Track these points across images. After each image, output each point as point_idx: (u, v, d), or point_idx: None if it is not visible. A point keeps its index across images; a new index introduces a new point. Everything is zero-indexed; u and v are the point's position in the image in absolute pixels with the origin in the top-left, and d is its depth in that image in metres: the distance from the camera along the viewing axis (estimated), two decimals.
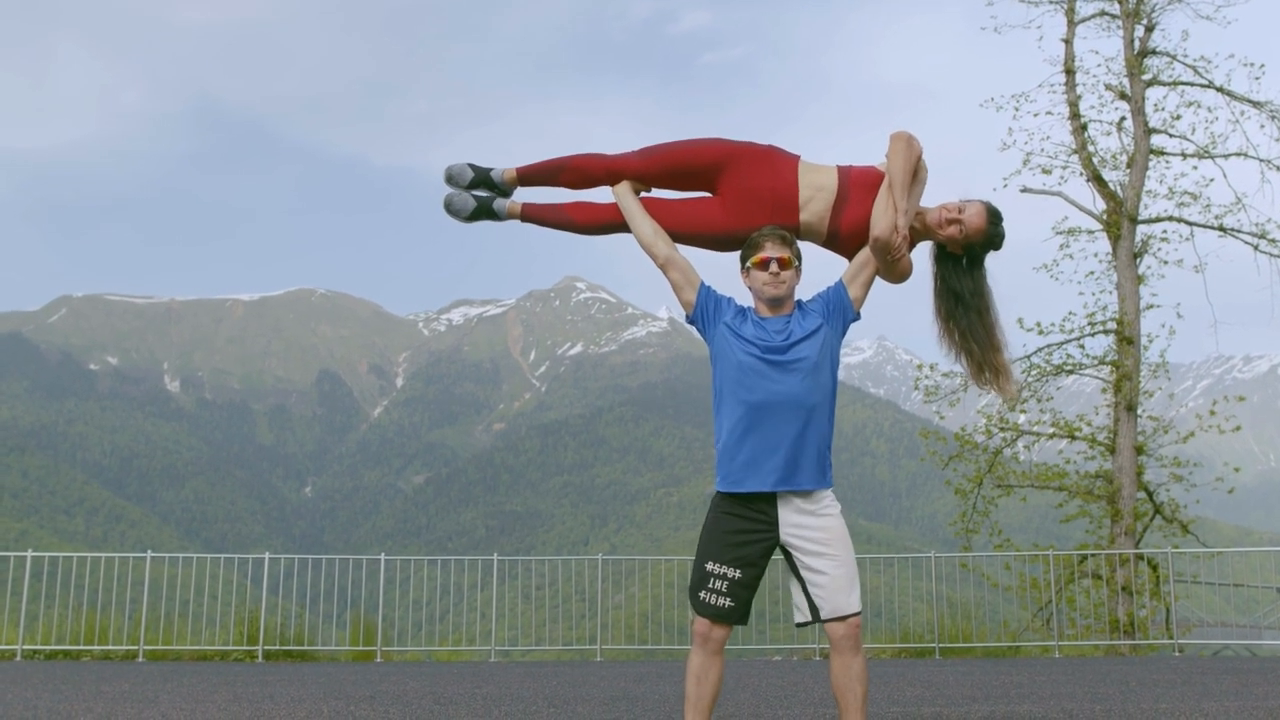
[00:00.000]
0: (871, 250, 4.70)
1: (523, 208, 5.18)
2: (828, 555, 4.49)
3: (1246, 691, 8.84)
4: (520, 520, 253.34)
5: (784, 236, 4.68)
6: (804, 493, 4.54)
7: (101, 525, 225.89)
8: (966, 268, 4.88)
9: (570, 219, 5.14)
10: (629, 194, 4.99)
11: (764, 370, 4.55)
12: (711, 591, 4.53)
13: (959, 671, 11.89)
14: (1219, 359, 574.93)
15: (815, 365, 4.57)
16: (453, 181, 5.19)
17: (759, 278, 4.64)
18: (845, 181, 4.82)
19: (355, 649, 15.70)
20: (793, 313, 4.68)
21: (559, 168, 5.11)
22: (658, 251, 4.87)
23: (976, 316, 4.86)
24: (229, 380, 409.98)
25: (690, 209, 4.98)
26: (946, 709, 7.62)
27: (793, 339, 4.59)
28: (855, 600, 4.49)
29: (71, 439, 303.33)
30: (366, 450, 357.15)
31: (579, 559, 17.24)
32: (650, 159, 5.00)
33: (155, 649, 15.06)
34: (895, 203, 4.66)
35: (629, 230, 4.98)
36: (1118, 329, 21.94)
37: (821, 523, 4.53)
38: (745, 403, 4.55)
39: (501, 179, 5.18)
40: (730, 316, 4.71)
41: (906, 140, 4.73)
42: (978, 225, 4.77)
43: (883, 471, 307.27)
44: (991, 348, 4.87)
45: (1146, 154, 22.35)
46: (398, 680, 10.91)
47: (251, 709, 7.85)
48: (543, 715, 7.49)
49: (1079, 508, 22.29)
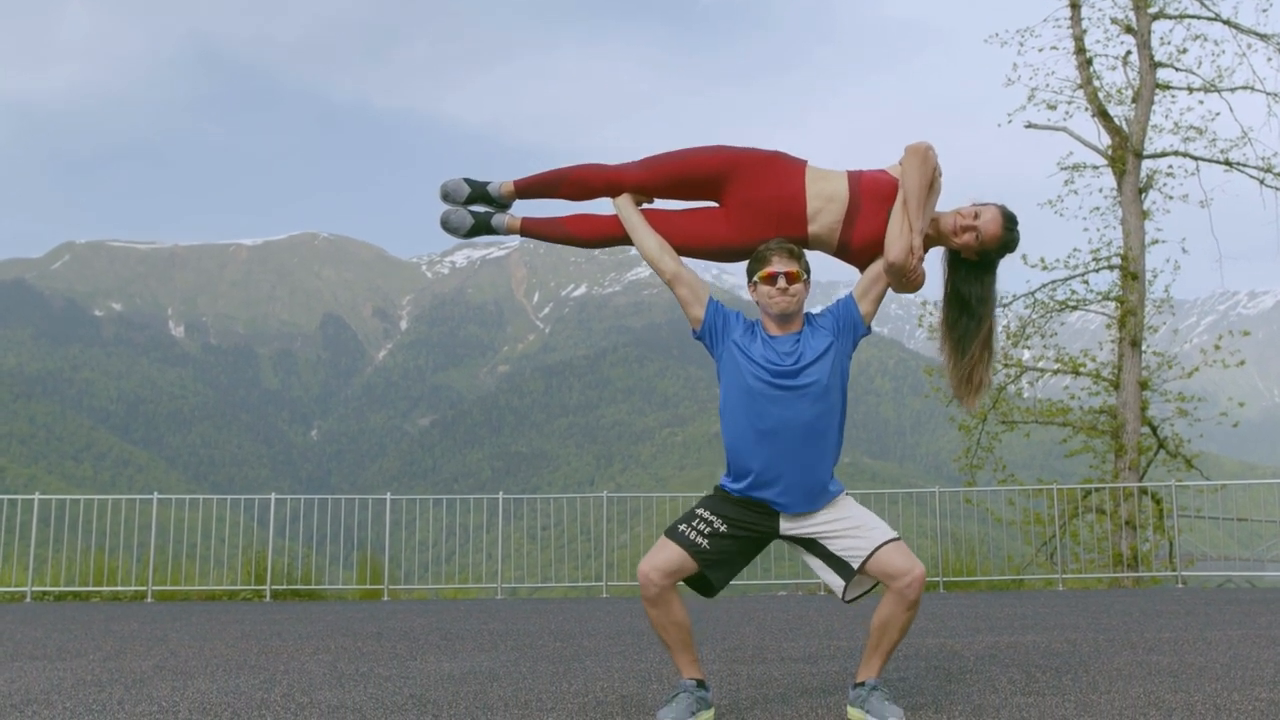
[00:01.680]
0: (885, 271, 4.59)
1: (522, 222, 5.06)
2: (832, 522, 4.49)
3: (1250, 621, 8.89)
4: (526, 461, 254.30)
5: (792, 250, 4.55)
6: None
7: (109, 470, 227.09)
8: (979, 273, 4.78)
9: (571, 233, 5.02)
10: (631, 206, 4.86)
11: (773, 395, 4.46)
12: (693, 529, 4.48)
13: (963, 604, 11.95)
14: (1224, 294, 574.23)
15: (825, 388, 4.49)
16: (449, 198, 5.07)
17: (767, 292, 4.53)
18: (856, 190, 4.67)
19: (363, 588, 15.79)
20: (802, 330, 4.58)
21: (558, 180, 4.97)
22: (664, 267, 4.74)
23: (976, 326, 4.78)
24: (233, 325, 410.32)
25: (694, 221, 4.85)
26: (950, 640, 7.66)
27: (802, 361, 4.49)
28: (876, 535, 4.44)
29: (78, 385, 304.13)
30: (372, 393, 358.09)
31: (584, 497, 17.29)
32: (652, 170, 4.85)
33: (164, 589, 15.16)
34: (911, 222, 4.55)
35: (632, 243, 4.86)
36: (1122, 264, 21.86)
37: (825, 515, 4.52)
38: (754, 428, 4.47)
39: (499, 193, 5.06)
40: (739, 334, 4.61)
41: (923, 154, 4.59)
42: (993, 232, 4.66)
43: (887, 409, 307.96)
44: (980, 361, 4.79)
45: (1152, 88, 22.15)
46: (405, 618, 10.98)
47: (260, 645, 7.90)
48: (549, 649, 7.53)
49: (1083, 443, 22.32)
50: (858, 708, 4.43)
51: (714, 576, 4.50)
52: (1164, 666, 5.95)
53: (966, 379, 4.82)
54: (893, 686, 5.26)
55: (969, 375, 4.81)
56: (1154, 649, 6.86)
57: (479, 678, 5.97)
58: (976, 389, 4.83)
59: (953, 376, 4.86)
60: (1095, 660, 6.31)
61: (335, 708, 4.93)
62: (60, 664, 6.78)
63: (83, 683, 5.86)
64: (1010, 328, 23.02)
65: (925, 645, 7.32)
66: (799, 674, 5.95)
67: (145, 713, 4.82)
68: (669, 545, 4.45)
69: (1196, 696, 4.87)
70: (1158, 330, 22.69)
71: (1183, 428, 22.16)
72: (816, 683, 5.58)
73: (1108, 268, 22.25)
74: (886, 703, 4.34)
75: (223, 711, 4.84)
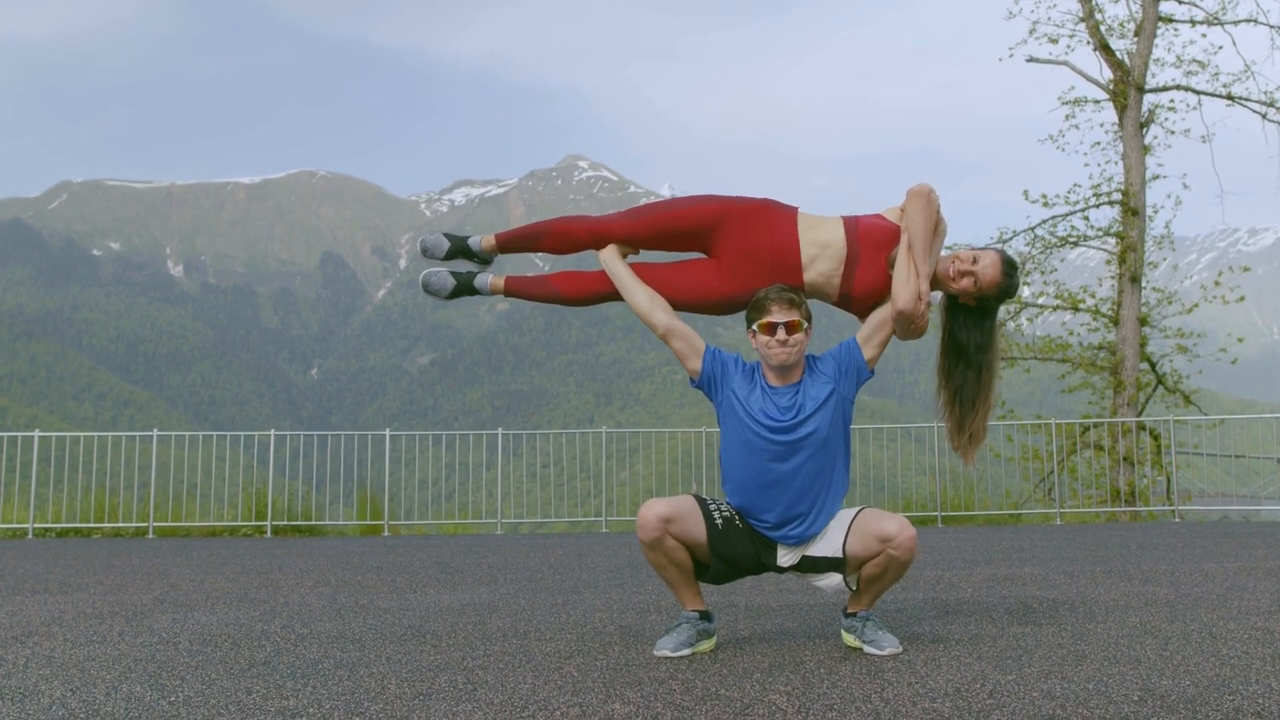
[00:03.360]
0: (893, 319, 4.50)
1: (506, 282, 4.96)
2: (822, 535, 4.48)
3: (1245, 553, 8.92)
4: (526, 399, 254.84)
5: (792, 298, 4.43)
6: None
7: (110, 410, 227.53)
8: (977, 319, 4.69)
9: (557, 291, 4.90)
10: (617, 260, 4.73)
11: (772, 450, 4.40)
12: (716, 506, 4.46)
13: (960, 538, 12.00)
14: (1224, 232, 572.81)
15: (825, 439, 4.42)
16: (428, 253, 4.97)
17: (766, 342, 4.42)
18: (853, 238, 4.56)
19: (363, 523, 15.86)
20: (802, 379, 4.49)
21: (540, 233, 4.87)
22: (656, 322, 4.61)
23: (974, 375, 4.68)
24: (232, 264, 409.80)
25: (684, 274, 4.73)
26: (948, 572, 7.69)
27: (802, 415, 4.41)
28: (848, 512, 4.48)
29: (77, 325, 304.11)
30: (371, 332, 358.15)
31: (584, 433, 17.32)
32: (637, 222, 4.74)
33: (165, 525, 15.22)
34: (918, 267, 4.45)
35: (621, 299, 4.74)
36: (1123, 200, 21.78)
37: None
38: (753, 482, 4.43)
39: (480, 248, 4.97)
40: (737, 383, 4.52)
41: (926, 196, 4.50)
42: (992, 278, 4.56)
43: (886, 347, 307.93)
44: (976, 411, 4.69)
45: (1155, 21, 21.97)
46: (405, 552, 11.03)
47: (260, 579, 7.94)
48: (549, 582, 7.56)
49: (1082, 379, 22.36)
50: (852, 635, 4.45)
51: (718, 565, 4.44)
52: (1160, 597, 5.97)
53: (960, 429, 4.72)
54: (888, 617, 5.28)
55: (963, 425, 4.71)
56: (1150, 580, 6.89)
57: (478, 609, 6.00)
58: (971, 442, 4.74)
59: (949, 426, 4.77)
60: (1092, 591, 6.34)
61: (335, 638, 4.95)
62: (61, 597, 6.81)
63: (83, 615, 5.89)
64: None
65: (922, 577, 7.35)
66: (797, 605, 5.98)
67: (146, 644, 4.84)
68: (685, 500, 4.42)
69: (1193, 625, 4.89)
70: (1158, 266, 22.68)
71: (1181, 364, 22.19)
72: (815, 614, 5.60)
73: (1108, 203, 22.18)
74: (882, 631, 4.35)
75: (222, 642, 4.86)
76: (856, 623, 4.44)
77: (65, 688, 3.80)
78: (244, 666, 4.22)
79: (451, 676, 3.92)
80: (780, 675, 3.85)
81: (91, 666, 4.25)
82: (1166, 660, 4.01)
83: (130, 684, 3.85)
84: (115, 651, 4.63)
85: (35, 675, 4.07)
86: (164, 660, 4.39)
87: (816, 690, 3.56)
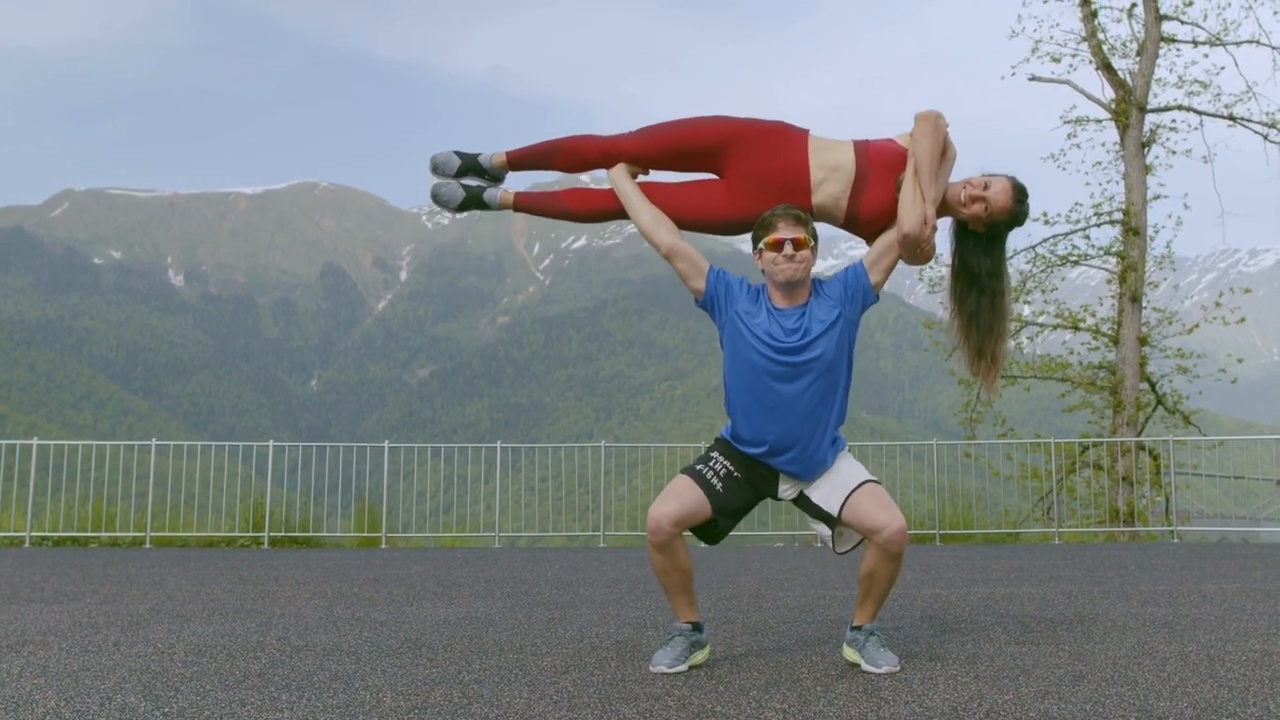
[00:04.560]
0: (899, 243, 4.48)
1: (515, 197, 4.94)
2: (822, 477, 4.49)
3: (1244, 575, 8.91)
4: (525, 413, 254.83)
5: (799, 216, 4.41)
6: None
7: (109, 419, 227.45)
8: (986, 246, 4.68)
9: (566, 207, 4.89)
10: (626, 178, 4.72)
11: (776, 371, 4.39)
12: (709, 469, 4.45)
13: (959, 556, 11.98)
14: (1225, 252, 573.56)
15: (831, 364, 4.41)
16: (439, 170, 4.94)
17: (772, 259, 4.40)
18: (863, 160, 4.55)
19: (360, 535, 15.83)
20: (808, 301, 4.47)
21: (552, 150, 4.84)
22: (660, 240, 4.59)
23: (988, 301, 4.68)
24: (233, 274, 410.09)
25: (693, 194, 4.71)
26: (946, 590, 7.68)
27: (808, 337, 4.40)
28: (852, 479, 4.44)
29: (77, 333, 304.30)
30: (371, 344, 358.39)
31: (582, 447, 17.30)
32: (648, 140, 4.72)
33: (162, 535, 15.19)
34: (923, 191, 4.43)
35: (628, 217, 4.74)
36: (1124, 219, 21.79)
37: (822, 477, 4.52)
38: (757, 403, 4.42)
39: (491, 164, 4.94)
40: (742, 304, 4.50)
41: (934, 121, 4.47)
42: (1003, 204, 4.54)
43: (886, 364, 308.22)
44: (994, 336, 4.70)
45: (1157, 41, 22.00)
46: (402, 565, 11.01)
47: (257, 590, 7.92)
48: (545, 596, 7.55)
49: (1082, 398, 22.33)
50: (853, 649, 4.44)
51: (723, 523, 4.47)
52: (1159, 618, 5.96)
53: (979, 354, 4.74)
54: (887, 635, 5.27)
55: (983, 350, 4.73)
56: (1149, 601, 6.88)
57: (474, 623, 5.99)
58: (993, 365, 4.76)
59: (966, 354, 4.78)
60: (1090, 612, 6.32)
61: (330, 650, 4.94)
62: (57, 606, 6.80)
63: (79, 624, 5.88)
64: (1010, 282, 23.00)
65: (920, 596, 7.34)
66: (794, 621, 5.97)
67: (141, 654, 4.83)
68: (686, 487, 4.40)
69: (1190, 647, 4.88)
70: (1158, 286, 22.67)
71: (1181, 384, 22.17)
72: (812, 630, 5.59)
73: (1109, 223, 22.19)
74: (883, 649, 4.34)
75: (218, 653, 4.85)
76: (860, 636, 4.44)
77: (59, 697, 3.79)
78: (239, 678, 4.21)
79: (447, 690, 3.91)
80: (777, 692, 3.84)
81: (86, 676, 4.24)
82: (1164, 682, 4.00)
83: (125, 694, 3.85)
84: (110, 661, 4.62)
85: (29, 685, 4.06)
86: (159, 671, 4.38)
87: (813, 708, 3.55)
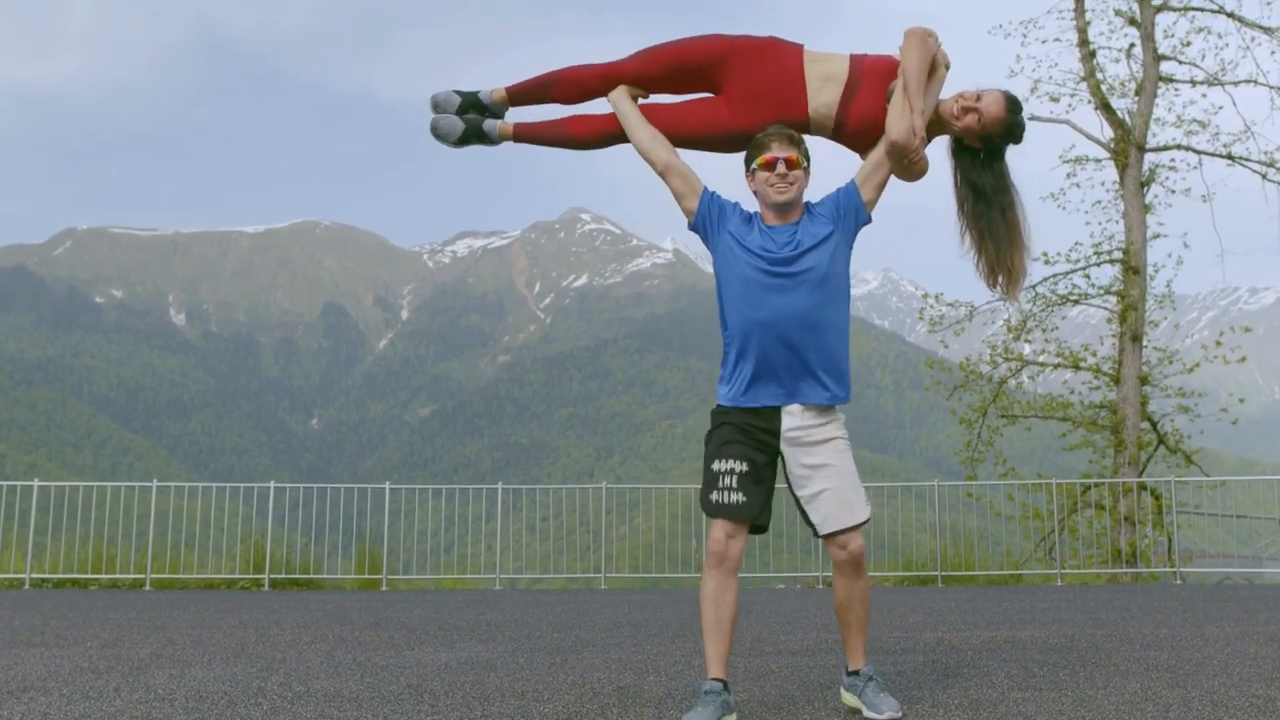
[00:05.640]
0: (888, 155, 4.45)
1: (515, 127, 4.90)
2: (824, 468, 4.34)
3: (1248, 618, 8.88)
4: (526, 452, 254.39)
5: (791, 135, 4.40)
6: (809, 406, 4.36)
7: (109, 458, 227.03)
8: (985, 161, 4.64)
9: (567, 133, 4.86)
10: (625, 99, 4.73)
11: (769, 283, 4.33)
12: (722, 490, 4.32)
13: (961, 598, 11.95)
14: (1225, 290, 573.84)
15: (824, 276, 4.35)
16: (439, 108, 4.93)
17: (765, 178, 4.37)
18: (857, 70, 4.55)
19: (361, 578, 15.79)
20: (801, 219, 4.44)
21: (551, 82, 4.85)
22: (656, 157, 4.61)
23: (999, 214, 4.62)
24: (235, 313, 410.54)
25: (692, 110, 4.73)
26: (948, 634, 7.65)
27: (801, 249, 4.35)
28: (857, 513, 4.33)
29: (78, 372, 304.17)
30: (372, 383, 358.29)
31: (584, 488, 17.28)
32: (646, 60, 4.74)
33: (162, 578, 15.16)
34: (911, 103, 4.41)
35: (629, 140, 4.73)
36: (1124, 258, 21.82)
37: (822, 434, 4.36)
38: (750, 319, 4.33)
39: (490, 100, 4.92)
40: (735, 225, 4.46)
41: (921, 35, 4.47)
42: (996, 114, 4.52)
43: (887, 403, 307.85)
44: (1012, 246, 4.63)
45: (1155, 81, 22.10)
46: (403, 608, 10.98)
47: (257, 634, 7.90)
48: (547, 640, 7.53)
49: (1083, 438, 22.29)
50: (852, 694, 4.41)
51: (762, 521, 4.39)
52: (1162, 662, 5.94)
53: (996, 266, 4.65)
54: (887, 679, 5.25)
55: (999, 262, 4.64)
56: (1152, 645, 6.85)
57: (476, 668, 5.97)
58: (1012, 278, 4.66)
59: (983, 268, 4.68)
60: (1093, 656, 6.30)
61: (331, 696, 4.92)
62: (58, 650, 6.78)
63: (80, 670, 5.86)
64: (1011, 321, 23.03)
65: (923, 639, 7.32)
66: (796, 667, 5.95)
67: (142, 700, 4.81)
68: (716, 521, 4.34)
69: (1194, 693, 4.86)
70: (1159, 325, 22.67)
71: (1183, 423, 22.14)
72: (814, 676, 5.57)
73: (1109, 262, 22.22)
74: (883, 694, 4.31)
75: (219, 700, 4.84)
76: (859, 681, 4.40)
77: None
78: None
79: None
80: None
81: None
82: None
83: None
84: (111, 708, 4.61)
85: None
86: (160, 718, 4.37)
87: None
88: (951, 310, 23.02)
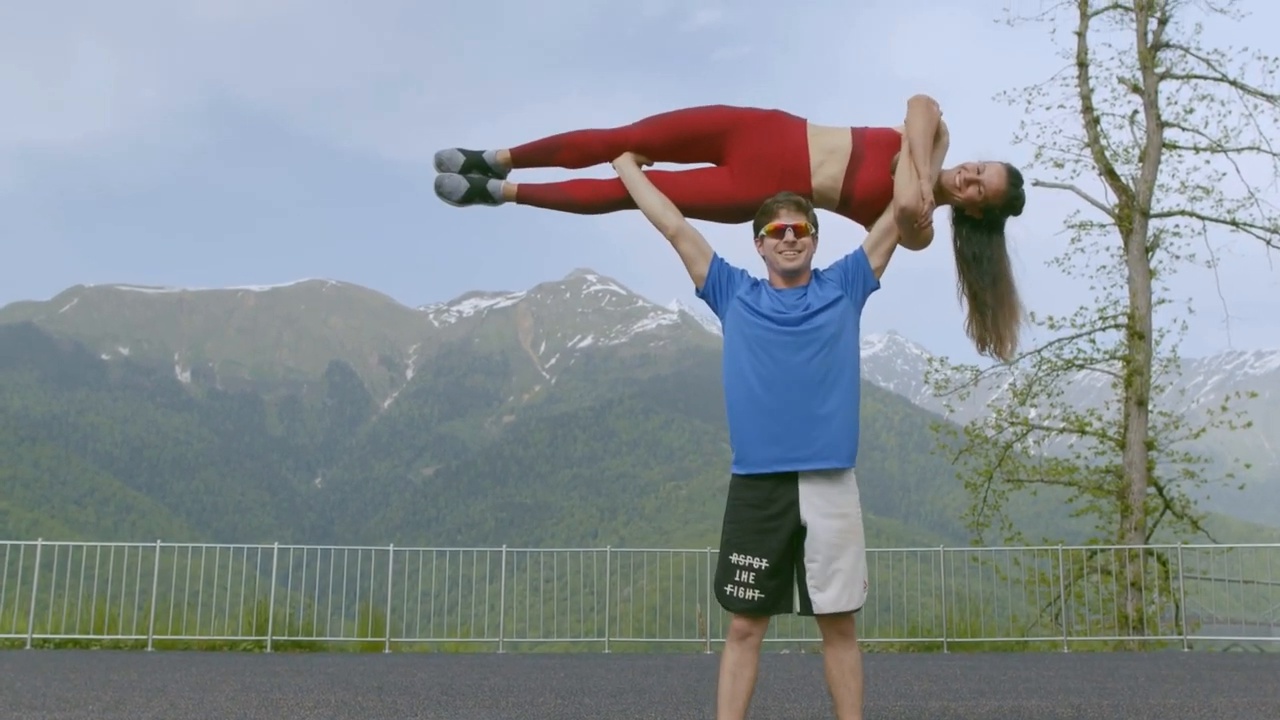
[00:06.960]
0: (897, 221, 4.49)
1: (519, 188, 4.93)
2: (845, 548, 4.29)
3: (1256, 688, 8.82)
4: (529, 512, 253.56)
5: (799, 203, 4.44)
6: (824, 472, 4.31)
7: (112, 515, 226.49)
8: (985, 232, 4.68)
9: (571, 197, 4.90)
10: (632, 165, 4.77)
11: (778, 343, 4.33)
12: (738, 585, 4.31)
13: (966, 666, 11.87)
14: (1230, 355, 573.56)
15: (834, 335, 4.34)
16: (443, 166, 4.95)
17: (774, 245, 4.41)
18: (860, 142, 4.61)
19: (364, 640, 15.71)
20: (809, 283, 4.45)
21: (555, 146, 4.88)
22: (667, 223, 4.63)
23: (990, 283, 4.66)
24: (240, 371, 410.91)
25: (696, 180, 4.76)
26: (953, 703, 7.60)
27: (811, 310, 4.36)
28: (853, 598, 4.30)
29: (83, 429, 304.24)
30: (377, 442, 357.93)
31: (588, 550, 17.23)
32: (651, 129, 4.78)
33: (164, 639, 15.09)
34: (919, 168, 4.46)
35: (633, 206, 4.75)
36: (1129, 323, 21.85)
37: (840, 508, 4.31)
38: (759, 376, 4.33)
39: (494, 161, 4.96)
40: (744, 291, 4.47)
41: (926, 103, 4.54)
42: (997, 186, 4.57)
43: (892, 465, 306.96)
44: (1003, 315, 4.67)
45: (1159, 147, 22.22)
46: (406, 671, 10.92)
47: (259, 699, 7.86)
48: (550, 706, 7.49)
49: (1089, 503, 22.20)
50: None
51: (781, 610, 4.39)
52: None
53: (986, 334, 4.70)
54: None
55: (990, 329, 4.69)
56: (1159, 716, 6.80)
57: None
58: (1000, 342, 4.70)
59: (974, 331, 4.72)
60: None
61: None
62: (59, 714, 6.74)
63: None
64: (1017, 386, 23.03)
65: (929, 708, 7.27)
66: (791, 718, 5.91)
67: None
68: (744, 625, 4.35)
69: None
70: (1164, 390, 22.65)
71: (1189, 488, 22.05)
72: None
73: (1114, 326, 22.24)
74: None
75: None
76: None
77: None
78: None
79: None
80: None
81: None
82: None
83: None
84: None
85: None
86: None
87: None
88: (957, 374, 23.04)
